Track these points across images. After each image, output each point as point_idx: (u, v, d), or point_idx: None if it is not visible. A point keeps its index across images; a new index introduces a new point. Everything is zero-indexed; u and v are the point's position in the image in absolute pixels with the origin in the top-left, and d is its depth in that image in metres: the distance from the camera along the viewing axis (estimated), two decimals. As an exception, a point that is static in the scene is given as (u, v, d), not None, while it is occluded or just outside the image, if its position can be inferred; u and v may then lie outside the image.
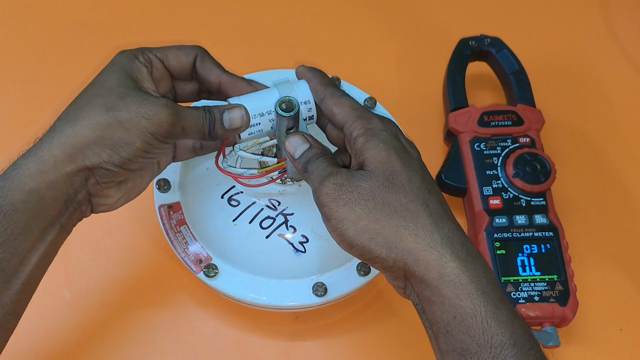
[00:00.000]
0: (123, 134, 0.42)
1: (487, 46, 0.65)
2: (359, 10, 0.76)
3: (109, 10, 0.76)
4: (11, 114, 0.69)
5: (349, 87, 0.61)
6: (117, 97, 0.43)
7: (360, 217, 0.42)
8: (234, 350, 0.57)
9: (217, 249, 0.54)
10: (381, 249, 0.41)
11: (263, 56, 0.73)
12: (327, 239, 0.53)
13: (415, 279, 0.41)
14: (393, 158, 0.43)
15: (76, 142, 0.42)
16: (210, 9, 0.76)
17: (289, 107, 0.47)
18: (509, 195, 0.58)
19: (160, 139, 0.44)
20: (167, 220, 0.55)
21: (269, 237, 0.54)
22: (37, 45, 0.74)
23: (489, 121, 0.61)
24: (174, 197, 0.56)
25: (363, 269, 0.53)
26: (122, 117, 0.42)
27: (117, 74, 0.45)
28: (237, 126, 0.47)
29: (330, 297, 0.52)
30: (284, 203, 0.54)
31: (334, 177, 0.43)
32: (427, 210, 0.42)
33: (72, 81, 0.71)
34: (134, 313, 0.58)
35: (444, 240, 0.41)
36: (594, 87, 0.71)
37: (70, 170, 0.42)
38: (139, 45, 0.48)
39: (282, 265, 0.53)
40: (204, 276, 0.52)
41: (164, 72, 0.48)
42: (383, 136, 0.44)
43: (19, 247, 0.41)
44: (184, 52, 0.48)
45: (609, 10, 0.76)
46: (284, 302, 0.52)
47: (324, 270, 0.53)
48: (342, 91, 0.48)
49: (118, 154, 0.43)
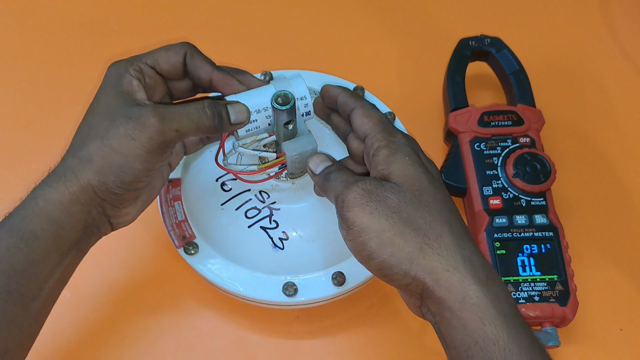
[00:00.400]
0: (121, 161, 0.43)
1: (487, 46, 0.65)
2: (359, 11, 0.76)
3: (109, 10, 0.76)
4: (11, 114, 0.69)
5: (373, 98, 0.61)
6: (109, 123, 0.43)
7: (384, 229, 0.41)
8: (234, 349, 0.57)
9: (202, 230, 0.55)
10: (401, 266, 0.40)
11: (263, 57, 0.73)
12: (307, 241, 0.53)
13: (434, 299, 0.40)
14: (420, 174, 0.43)
15: (83, 175, 0.43)
16: (210, 9, 0.76)
17: (284, 101, 0.48)
18: (509, 195, 0.58)
19: (157, 152, 0.44)
20: (165, 193, 0.56)
21: (251, 227, 0.54)
22: (37, 45, 0.74)
23: (489, 121, 0.61)
24: (177, 173, 0.57)
25: (338, 279, 0.52)
26: (116, 145, 0.43)
27: (108, 96, 0.45)
28: (242, 120, 0.47)
29: (299, 299, 0.52)
30: (273, 197, 0.55)
31: (363, 182, 0.42)
32: (450, 230, 0.41)
33: (72, 81, 0.71)
34: (135, 312, 0.58)
35: (465, 262, 0.40)
36: (594, 87, 0.71)
37: (85, 201, 0.43)
38: (138, 46, 0.48)
39: (258, 258, 0.53)
40: (183, 252, 0.53)
41: (157, 78, 0.48)
42: (407, 151, 0.44)
43: (39, 273, 0.42)
44: (172, 52, 0.48)
45: (609, 10, 0.76)
46: (253, 294, 0.52)
47: (299, 272, 0.52)
48: (372, 104, 0.48)
49: (122, 179, 0.43)
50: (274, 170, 0.53)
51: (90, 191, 0.43)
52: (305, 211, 0.54)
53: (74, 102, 0.70)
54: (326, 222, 0.53)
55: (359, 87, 0.61)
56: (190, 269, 0.54)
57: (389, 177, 0.43)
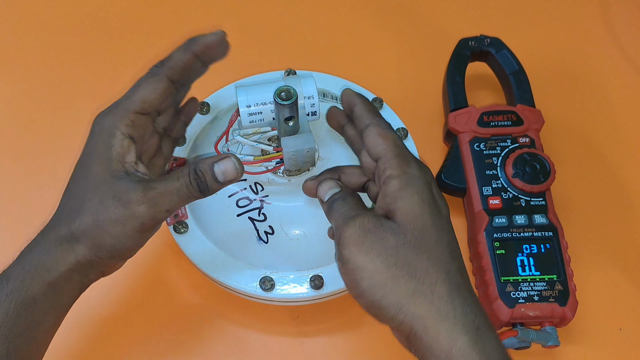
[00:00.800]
0: (113, 241, 0.43)
1: (487, 46, 0.65)
2: (360, 12, 0.76)
3: (109, 11, 0.76)
4: (11, 114, 0.70)
5: (390, 112, 0.61)
6: (98, 202, 0.43)
7: (378, 270, 0.40)
8: (233, 347, 0.57)
9: (195, 211, 0.55)
10: (390, 309, 0.40)
11: (264, 57, 0.73)
12: (292, 239, 0.53)
13: (421, 346, 0.40)
14: (425, 214, 0.42)
15: (79, 250, 0.43)
16: (211, 10, 0.76)
17: (287, 96, 0.48)
18: (508, 195, 0.58)
19: (148, 230, 0.44)
20: (168, 170, 0.55)
21: (240, 216, 0.54)
22: (37, 45, 0.74)
23: (489, 121, 0.61)
24: (184, 153, 0.58)
25: (316, 282, 0.52)
26: (107, 228, 0.43)
27: (97, 165, 0.44)
28: (232, 177, 0.44)
29: (275, 295, 0.52)
30: (267, 191, 0.55)
31: (361, 219, 0.42)
32: (447, 277, 0.40)
33: (72, 81, 0.71)
34: (136, 312, 0.58)
35: (457, 312, 0.39)
36: (594, 87, 0.71)
37: (82, 269, 0.44)
38: (139, 46, 0.48)
39: (241, 248, 0.54)
40: (172, 229, 0.54)
41: (147, 123, 0.47)
42: (419, 186, 0.43)
43: (37, 335, 0.43)
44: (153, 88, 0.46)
45: (608, 10, 0.76)
46: (231, 282, 0.52)
47: (279, 269, 0.53)
48: (388, 123, 0.47)
49: (116, 254, 0.44)
50: (272, 164, 0.53)
51: (86, 262, 0.43)
52: (295, 210, 0.54)
53: (74, 102, 0.70)
54: (313, 225, 0.53)
55: (377, 98, 0.61)
56: (191, 268, 0.54)
57: (393, 214, 0.42)
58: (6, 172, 0.66)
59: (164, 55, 0.47)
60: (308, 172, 0.55)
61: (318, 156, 0.55)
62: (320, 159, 0.55)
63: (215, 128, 0.59)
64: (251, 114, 0.50)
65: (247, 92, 0.51)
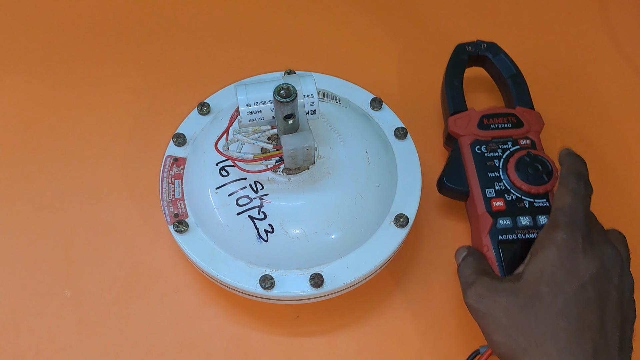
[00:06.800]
0: None
1: (484, 51, 0.66)
2: (359, 13, 0.77)
3: (109, 11, 0.77)
4: (11, 114, 0.69)
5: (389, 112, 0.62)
6: None
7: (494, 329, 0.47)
8: (233, 347, 0.56)
9: (195, 211, 0.56)
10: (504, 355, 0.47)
11: (264, 58, 0.73)
12: (292, 237, 0.53)
13: None
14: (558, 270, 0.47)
15: None
16: (211, 10, 0.77)
17: (287, 94, 0.48)
18: (511, 197, 0.57)
19: None
20: (168, 170, 0.57)
21: (240, 214, 0.54)
22: (37, 45, 0.74)
23: (489, 124, 0.61)
24: (184, 153, 0.59)
25: (316, 280, 0.52)
26: None
27: None
28: None
29: (275, 293, 0.52)
30: (267, 189, 0.54)
31: (475, 286, 0.49)
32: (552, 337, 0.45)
33: (72, 82, 0.71)
34: (136, 312, 0.58)
35: None
36: (593, 89, 0.72)
37: None
38: (137, 48, 0.48)
39: (241, 246, 0.54)
40: (172, 229, 0.55)
41: None
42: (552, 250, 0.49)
43: None
44: None
45: (607, 12, 0.77)
46: (231, 280, 0.53)
47: (279, 267, 0.53)
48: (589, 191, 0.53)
49: None
50: (271, 163, 0.53)
51: None
52: (295, 208, 0.54)
53: (74, 103, 0.70)
54: (313, 223, 0.53)
55: (377, 98, 0.62)
56: (190, 267, 0.54)
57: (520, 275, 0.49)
58: (6, 172, 0.66)
59: (164, 54, 0.47)
60: (308, 170, 0.54)
61: (317, 155, 0.55)
62: (319, 158, 0.55)
63: (215, 128, 0.59)
64: (251, 113, 0.51)
65: (247, 91, 0.51)
